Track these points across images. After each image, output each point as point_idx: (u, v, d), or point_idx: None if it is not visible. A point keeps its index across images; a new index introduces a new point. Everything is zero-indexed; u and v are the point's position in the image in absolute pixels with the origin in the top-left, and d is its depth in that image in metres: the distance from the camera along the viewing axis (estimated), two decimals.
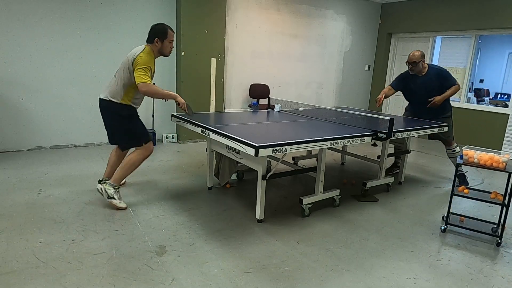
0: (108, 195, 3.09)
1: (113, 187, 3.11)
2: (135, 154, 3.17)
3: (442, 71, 4.18)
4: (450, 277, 2.38)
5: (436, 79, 4.12)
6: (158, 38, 3.06)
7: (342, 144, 2.98)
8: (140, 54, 2.96)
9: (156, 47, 3.09)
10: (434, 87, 4.12)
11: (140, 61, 2.94)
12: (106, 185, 3.12)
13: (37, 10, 4.58)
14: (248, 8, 6.16)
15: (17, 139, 4.76)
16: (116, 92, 3.05)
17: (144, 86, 2.92)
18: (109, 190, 3.09)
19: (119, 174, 3.15)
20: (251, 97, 6.43)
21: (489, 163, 2.77)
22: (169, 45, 3.13)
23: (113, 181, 3.13)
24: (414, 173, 4.76)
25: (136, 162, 3.17)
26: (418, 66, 4.08)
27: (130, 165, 3.16)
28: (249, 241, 2.70)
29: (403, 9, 7.51)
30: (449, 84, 4.11)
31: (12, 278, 2.10)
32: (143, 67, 2.94)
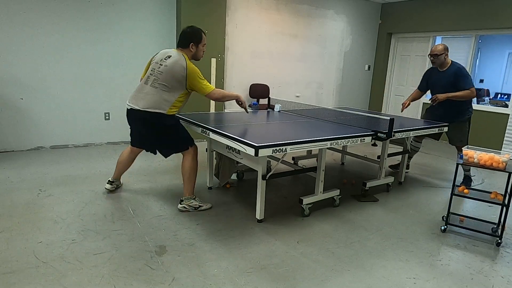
0: (194, 207, 3.14)
1: (191, 198, 3.17)
2: (189, 161, 3.14)
3: (462, 70, 4.08)
4: (450, 277, 2.38)
5: (453, 76, 4.06)
6: (194, 43, 3.01)
7: (342, 144, 2.98)
8: (188, 64, 2.94)
9: (190, 52, 3.04)
10: (449, 84, 4.06)
11: (194, 72, 2.94)
12: (185, 201, 3.14)
13: (37, 10, 4.58)
14: (248, 8, 6.16)
15: (17, 139, 4.76)
16: (160, 102, 2.94)
17: (212, 95, 3.00)
18: (192, 203, 3.15)
19: (189, 186, 3.16)
20: (251, 97, 6.43)
21: (489, 163, 2.77)
22: (203, 49, 3.11)
23: (188, 195, 3.16)
24: (414, 173, 4.76)
25: (194, 167, 3.17)
26: (440, 59, 4.08)
27: (192, 172, 3.15)
28: (249, 241, 2.70)
29: (403, 9, 7.51)
30: (462, 85, 4.02)
31: (12, 278, 2.10)
32: (200, 75, 2.97)
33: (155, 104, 2.94)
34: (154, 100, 2.94)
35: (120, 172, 3.49)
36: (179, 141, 3.14)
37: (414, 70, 7.63)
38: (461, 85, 4.03)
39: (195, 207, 3.15)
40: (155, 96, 2.94)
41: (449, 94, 4.04)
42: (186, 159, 3.15)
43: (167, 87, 2.93)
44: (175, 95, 2.97)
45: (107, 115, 5.26)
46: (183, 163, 3.16)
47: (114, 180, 3.50)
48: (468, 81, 4.05)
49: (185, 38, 3.02)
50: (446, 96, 4.04)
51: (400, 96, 7.96)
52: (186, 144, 3.14)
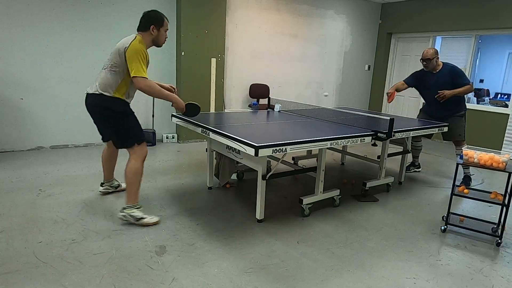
0: (136, 218, 2.82)
1: (134, 207, 2.85)
2: (132, 162, 2.83)
3: (456, 68, 4.24)
4: (450, 277, 2.38)
5: (449, 75, 4.20)
6: (154, 26, 2.80)
7: (342, 144, 2.98)
8: (133, 42, 2.68)
9: (151, 36, 2.82)
10: (447, 84, 4.19)
11: (134, 50, 2.64)
12: (126, 210, 2.83)
13: (38, 10, 4.58)
14: (248, 8, 6.16)
15: (17, 139, 4.76)
16: (107, 85, 2.75)
17: (142, 81, 2.64)
18: (133, 213, 2.82)
19: (131, 192, 2.84)
20: (251, 97, 6.43)
21: (489, 163, 2.77)
22: (165, 34, 2.89)
23: (130, 203, 2.85)
24: (414, 173, 4.75)
25: (138, 170, 2.84)
26: (432, 63, 4.21)
27: (135, 177, 2.83)
28: (249, 241, 2.70)
29: (403, 9, 7.51)
30: (461, 82, 4.16)
31: (12, 278, 2.10)
32: (139, 57, 2.64)
33: (102, 86, 2.76)
34: (102, 83, 2.77)
35: (108, 171, 3.32)
36: (125, 134, 2.85)
37: (414, 70, 7.55)
38: (460, 82, 4.16)
39: (138, 218, 2.81)
40: (103, 78, 2.78)
41: (454, 91, 4.14)
42: (130, 159, 2.85)
43: (113, 66, 2.74)
44: (120, 75, 2.74)
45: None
46: (127, 164, 2.85)
47: (105, 182, 3.38)
48: (465, 77, 4.23)
49: (146, 20, 2.82)
50: (452, 93, 4.14)
51: (400, 96, 7.95)
52: (132, 140, 2.85)
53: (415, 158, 4.85)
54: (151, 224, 2.83)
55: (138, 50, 2.66)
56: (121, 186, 3.45)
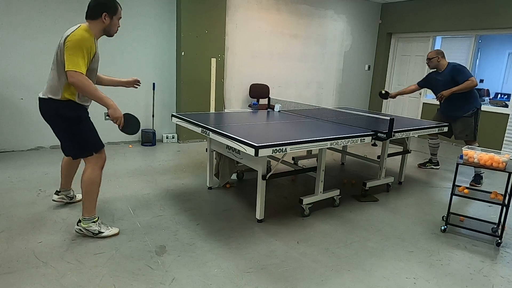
0: (93, 233, 2.57)
1: (91, 221, 2.58)
2: (89, 171, 2.55)
3: (456, 66, 4.40)
4: (450, 277, 2.38)
5: (449, 74, 4.37)
6: (107, 13, 2.45)
7: (342, 144, 2.98)
8: (75, 31, 2.32)
9: (102, 25, 2.47)
10: (448, 82, 4.35)
11: (74, 41, 2.27)
12: (82, 223, 2.56)
13: (38, 10, 4.58)
14: (248, 8, 6.16)
15: (17, 139, 4.76)
16: (54, 87, 2.41)
17: (74, 75, 2.24)
18: (90, 227, 2.56)
19: (88, 204, 2.57)
20: (251, 97, 6.43)
21: (489, 163, 2.77)
22: (117, 23, 2.56)
23: (87, 215, 2.57)
24: (414, 173, 4.76)
25: (96, 179, 2.56)
26: (433, 62, 4.49)
27: (91, 187, 2.55)
28: (249, 241, 2.70)
29: (403, 9, 7.51)
30: (461, 78, 4.26)
31: (12, 278, 2.10)
32: (79, 48, 2.27)
33: (49, 88, 2.44)
34: (49, 85, 2.44)
35: (66, 179, 3.01)
36: (80, 143, 2.54)
37: (414, 70, 7.63)
38: (460, 79, 4.29)
39: (95, 232, 2.57)
40: (50, 79, 2.45)
41: (452, 89, 4.29)
42: (87, 169, 2.55)
43: (57, 66, 2.39)
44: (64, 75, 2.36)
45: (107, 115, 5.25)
46: (83, 174, 2.56)
47: (61, 190, 3.08)
48: (466, 73, 4.31)
49: (97, 6, 2.44)
50: (450, 92, 4.30)
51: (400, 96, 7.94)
52: (89, 149, 2.55)
53: (433, 156, 5.03)
54: (110, 236, 2.61)
55: (79, 40, 2.28)
56: (76, 198, 3.15)
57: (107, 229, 2.64)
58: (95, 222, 2.60)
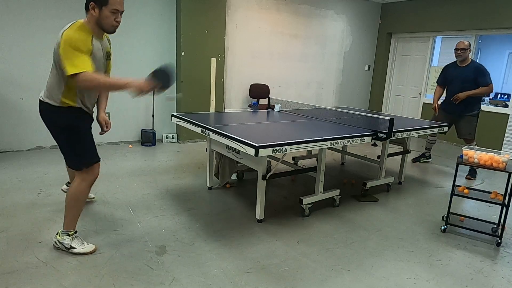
0: (65, 247, 2.37)
1: (67, 234, 2.38)
2: (75, 185, 2.36)
3: (482, 67, 4.40)
4: (450, 277, 2.38)
5: (474, 72, 4.36)
6: (95, 3, 2.12)
7: (342, 144, 2.98)
8: (65, 31, 2.08)
9: (92, 17, 2.16)
10: (470, 79, 4.37)
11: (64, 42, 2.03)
12: (58, 236, 2.39)
13: (38, 10, 4.58)
14: (248, 8, 6.16)
15: (17, 139, 4.76)
16: (52, 91, 2.22)
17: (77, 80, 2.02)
18: (63, 240, 2.37)
19: (68, 218, 2.39)
20: (251, 97, 6.43)
21: (489, 163, 2.77)
22: (111, 17, 2.18)
23: (65, 228, 2.39)
24: (414, 173, 4.76)
25: (81, 195, 2.38)
26: (466, 53, 4.41)
27: (75, 202, 2.37)
28: (249, 241, 2.70)
29: (403, 9, 7.51)
30: (483, 81, 4.32)
31: (12, 278, 2.10)
32: (76, 47, 2.03)
33: (48, 91, 2.25)
34: (47, 87, 2.26)
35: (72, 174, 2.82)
36: (73, 154, 2.35)
37: (414, 70, 7.63)
38: (481, 81, 4.32)
39: (67, 247, 2.36)
40: (48, 82, 2.25)
41: (469, 93, 4.36)
42: (74, 183, 2.37)
43: (56, 67, 2.17)
44: (62, 78, 2.16)
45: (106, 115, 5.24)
46: (70, 187, 2.40)
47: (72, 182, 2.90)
48: (489, 78, 4.33)
49: None
50: (466, 95, 4.37)
51: (400, 96, 7.96)
52: (80, 163, 2.35)
53: (427, 150, 5.23)
54: (84, 253, 2.38)
55: (69, 39, 2.04)
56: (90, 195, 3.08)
57: (81, 246, 2.39)
58: (69, 236, 2.38)
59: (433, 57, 7.34)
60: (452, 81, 4.57)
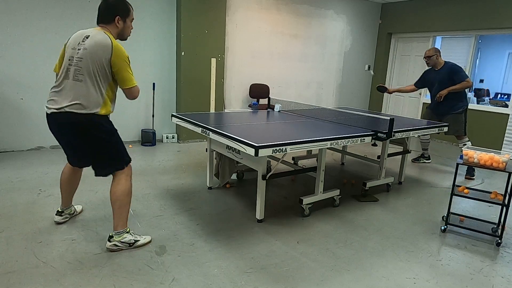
0: (129, 243, 2.48)
1: (124, 232, 2.48)
2: (122, 182, 2.44)
3: (455, 66, 4.64)
4: (450, 277, 2.38)
5: (448, 72, 4.61)
6: (120, 17, 2.36)
7: (342, 144, 2.98)
8: (115, 44, 2.25)
9: (116, 29, 2.38)
10: (446, 80, 4.60)
11: (122, 53, 2.26)
12: (116, 237, 2.44)
13: (37, 10, 4.59)
14: (248, 8, 6.16)
15: (17, 139, 4.76)
16: (89, 100, 2.25)
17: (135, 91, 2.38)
18: (125, 238, 2.46)
19: (123, 216, 2.46)
20: (251, 97, 6.43)
21: (489, 163, 2.77)
22: (131, 26, 2.47)
23: (121, 229, 2.46)
24: (414, 173, 4.76)
25: (130, 190, 2.49)
26: (432, 60, 4.71)
27: (127, 199, 2.46)
28: (249, 241, 2.70)
29: (403, 9, 7.51)
30: (458, 78, 4.55)
31: (12, 278, 2.10)
32: (125, 63, 2.28)
33: (84, 102, 2.24)
34: (80, 97, 2.24)
35: (68, 197, 2.77)
36: (116, 156, 2.43)
37: (414, 70, 7.63)
38: (457, 79, 4.56)
39: (131, 243, 2.48)
40: (81, 91, 2.24)
41: (449, 88, 4.57)
42: (120, 181, 2.44)
43: (93, 77, 2.24)
44: (103, 87, 2.29)
45: None
46: (115, 187, 2.44)
47: (64, 209, 2.79)
48: (463, 73, 4.59)
49: (109, 10, 2.34)
50: (448, 91, 4.58)
51: (400, 96, 7.96)
52: (122, 161, 2.46)
53: (424, 150, 5.31)
54: (145, 244, 2.54)
55: (124, 53, 2.28)
56: (77, 211, 2.95)
57: (142, 238, 2.56)
58: (128, 232, 2.50)
59: None
60: (432, 84, 4.84)
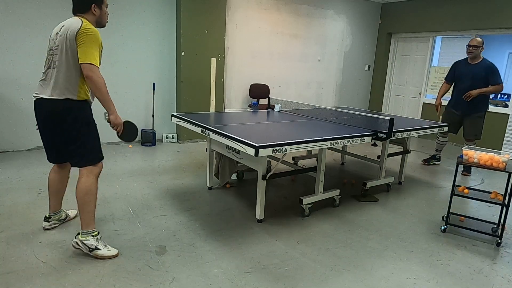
0: (89, 248, 2.32)
1: (90, 235, 2.35)
2: (83, 179, 2.34)
3: (493, 65, 4.35)
4: (450, 277, 2.38)
5: (485, 70, 4.31)
6: (96, 4, 2.35)
7: (342, 144, 2.98)
8: (84, 25, 2.22)
9: (94, 17, 2.37)
10: (480, 78, 4.32)
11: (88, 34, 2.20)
12: (80, 236, 2.34)
13: (38, 10, 4.59)
14: (248, 8, 6.16)
15: (17, 139, 4.76)
16: (66, 85, 2.26)
17: (92, 69, 2.18)
18: (87, 241, 2.33)
19: (86, 215, 2.35)
20: (251, 97, 6.43)
21: (489, 163, 2.77)
22: (106, 11, 2.46)
23: (85, 229, 2.35)
24: (414, 173, 4.76)
25: (93, 188, 2.36)
26: (478, 50, 4.35)
27: (88, 196, 2.34)
28: (249, 241, 2.70)
29: (403, 9, 7.51)
30: (493, 80, 4.29)
31: (12, 278, 2.10)
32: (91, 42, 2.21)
33: (61, 88, 2.26)
34: (59, 84, 2.26)
35: (56, 200, 2.67)
36: (89, 148, 2.37)
37: (414, 70, 7.63)
38: (492, 80, 4.28)
39: (92, 247, 2.32)
40: (59, 78, 2.27)
41: (481, 90, 4.31)
42: (82, 176, 2.35)
43: (68, 62, 2.25)
44: (77, 71, 2.26)
45: (106, 115, 5.25)
46: (78, 184, 2.35)
47: (52, 215, 2.69)
48: (499, 77, 4.30)
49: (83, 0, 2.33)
50: (478, 92, 4.32)
51: (400, 96, 7.97)
52: (94, 156, 2.40)
53: (437, 152, 5.13)
54: (107, 257, 2.35)
55: (95, 34, 2.24)
56: (70, 216, 2.85)
57: (105, 248, 2.37)
58: (94, 237, 2.36)
59: (433, 57, 7.34)
60: (461, 78, 4.49)
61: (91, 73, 2.19)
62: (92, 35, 2.22)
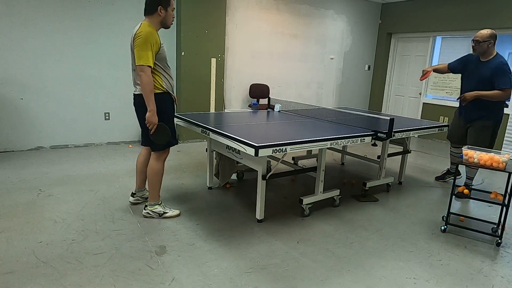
0: (159, 214, 2.96)
1: (156, 204, 2.97)
2: (153, 163, 2.89)
3: (503, 66, 3.50)
4: (450, 277, 2.38)
5: (491, 70, 3.52)
6: (162, 6, 2.68)
7: (342, 144, 2.98)
8: (140, 28, 2.60)
9: (159, 17, 2.71)
10: (486, 79, 3.53)
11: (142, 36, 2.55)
12: (148, 207, 2.96)
13: (38, 10, 4.58)
14: (248, 8, 6.16)
15: (17, 139, 4.76)
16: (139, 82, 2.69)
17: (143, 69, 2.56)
18: (156, 209, 2.96)
19: (154, 191, 2.93)
20: (251, 97, 6.43)
21: (489, 163, 2.77)
22: (172, 14, 2.78)
23: (153, 201, 2.96)
24: (414, 173, 4.76)
25: (160, 171, 2.91)
26: (482, 47, 3.58)
27: (157, 176, 2.90)
28: (249, 241, 2.70)
29: (403, 9, 7.51)
30: (498, 83, 3.47)
31: (12, 278, 2.10)
32: (147, 43, 2.55)
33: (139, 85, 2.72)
34: (137, 81, 2.74)
35: (141, 179, 3.17)
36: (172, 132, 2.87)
37: (414, 70, 7.63)
38: (496, 83, 3.48)
39: (161, 213, 2.97)
40: (135, 76, 2.76)
41: (477, 93, 3.55)
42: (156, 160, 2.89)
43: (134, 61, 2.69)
44: None
45: (107, 115, 5.26)
46: (151, 164, 2.90)
47: (136, 191, 3.24)
48: (505, 80, 3.46)
49: (152, 1, 2.69)
50: (474, 95, 3.56)
51: (400, 96, 7.97)
52: (175, 139, 2.91)
53: (452, 165, 4.30)
54: (174, 216, 2.99)
55: (145, 35, 2.56)
56: None
57: (171, 211, 3.00)
58: (159, 205, 2.98)
59: (433, 57, 7.34)
60: (468, 77, 3.75)
61: (142, 72, 2.57)
62: (142, 38, 2.55)
